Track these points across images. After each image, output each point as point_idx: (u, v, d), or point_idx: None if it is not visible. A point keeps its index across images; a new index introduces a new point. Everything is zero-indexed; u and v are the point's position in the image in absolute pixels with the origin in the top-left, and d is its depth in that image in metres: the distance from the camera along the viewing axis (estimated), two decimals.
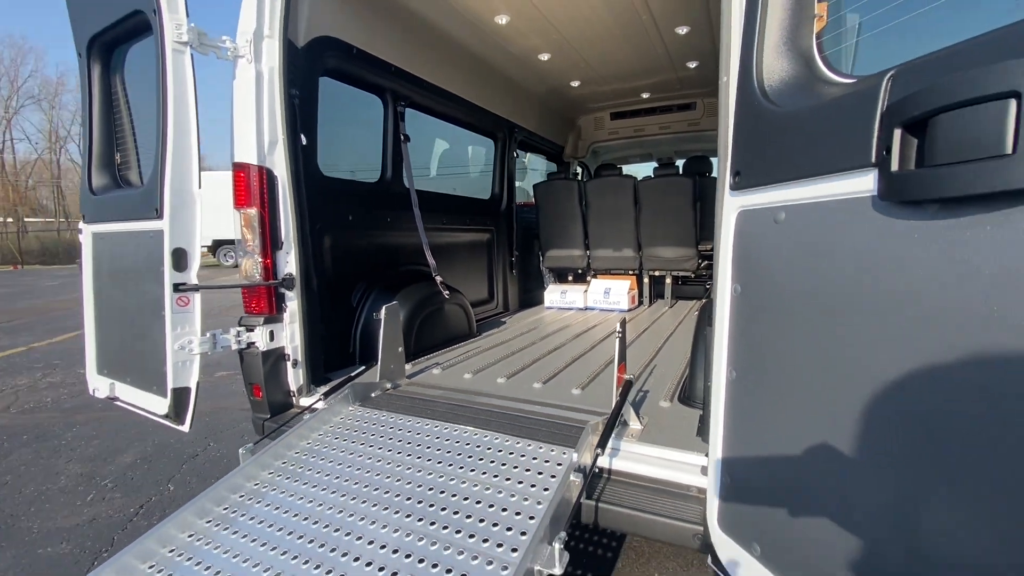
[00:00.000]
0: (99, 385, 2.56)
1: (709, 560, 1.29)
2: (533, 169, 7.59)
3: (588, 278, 5.23)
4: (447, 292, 3.43)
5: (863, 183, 0.82)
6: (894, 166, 0.76)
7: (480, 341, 3.59)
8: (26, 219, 42.60)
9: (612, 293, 4.92)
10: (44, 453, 3.63)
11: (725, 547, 1.19)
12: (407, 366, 2.71)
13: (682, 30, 3.74)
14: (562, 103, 5.62)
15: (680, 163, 5.78)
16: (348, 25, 2.84)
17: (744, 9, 1.12)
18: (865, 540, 0.88)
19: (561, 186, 5.11)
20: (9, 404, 4.70)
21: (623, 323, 1.97)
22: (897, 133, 0.75)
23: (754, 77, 1.08)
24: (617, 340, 1.93)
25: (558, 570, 1.25)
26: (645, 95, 5.49)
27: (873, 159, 0.80)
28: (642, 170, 6.90)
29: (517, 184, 5.39)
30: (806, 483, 1.01)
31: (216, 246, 20.27)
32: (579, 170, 6.84)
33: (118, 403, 2.48)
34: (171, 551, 1.46)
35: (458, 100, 4.01)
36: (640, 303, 5.17)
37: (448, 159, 5.09)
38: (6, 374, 5.68)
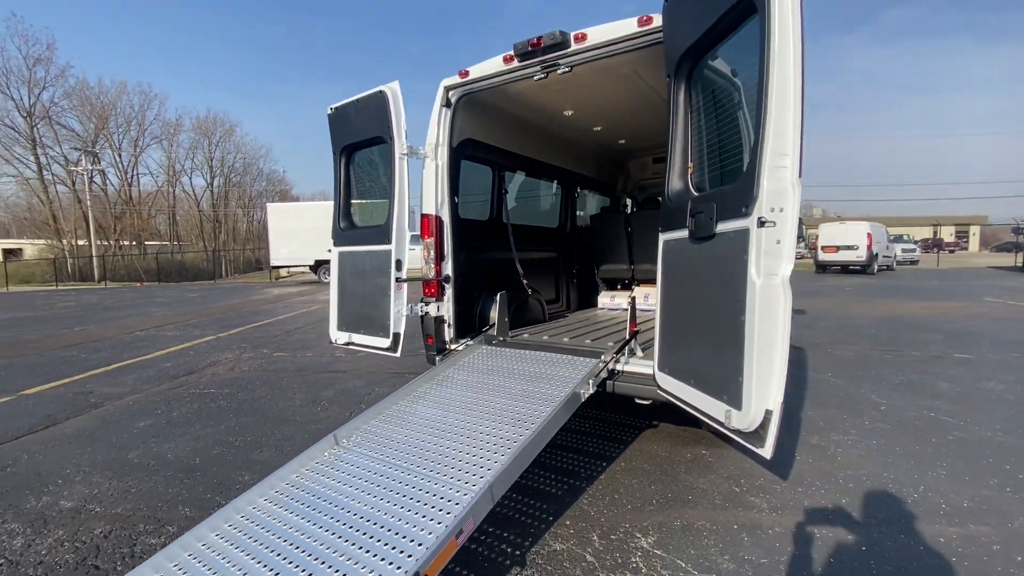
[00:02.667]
0: (339, 337, 4.56)
1: (657, 391, 2.97)
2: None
3: (632, 286, 6.87)
4: (530, 291, 5.25)
5: (685, 233, 2.53)
6: (691, 228, 2.47)
7: (551, 323, 5.35)
8: (146, 243, 49.52)
9: (651, 298, 6.52)
10: (276, 391, 5.76)
11: (659, 375, 2.88)
12: (510, 333, 4.53)
13: None
14: (613, 154, 7.36)
15: None
16: (478, 128, 4.77)
17: (666, 159, 2.86)
18: (690, 356, 2.57)
19: (612, 217, 6.83)
20: (232, 367, 6.99)
21: (632, 299, 3.68)
22: (691, 214, 2.46)
23: (667, 189, 2.82)
24: (629, 307, 3.64)
25: (592, 390, 2.99)
26: None
27: (687, 224, 2.51)
28: None
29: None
30: (685, 344, 2.70)
31: (317, 265, 23.47)
32: (628, 201, 8.52)
33: (351, 346, 4.45)
34: (383, 418, 3.34)
35: (538, 162, 5.88)
36: None
37: (529, 199, 6.96)
38: (215, 351, 8.09)
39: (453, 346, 4.34)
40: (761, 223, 1.98)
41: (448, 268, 4.34)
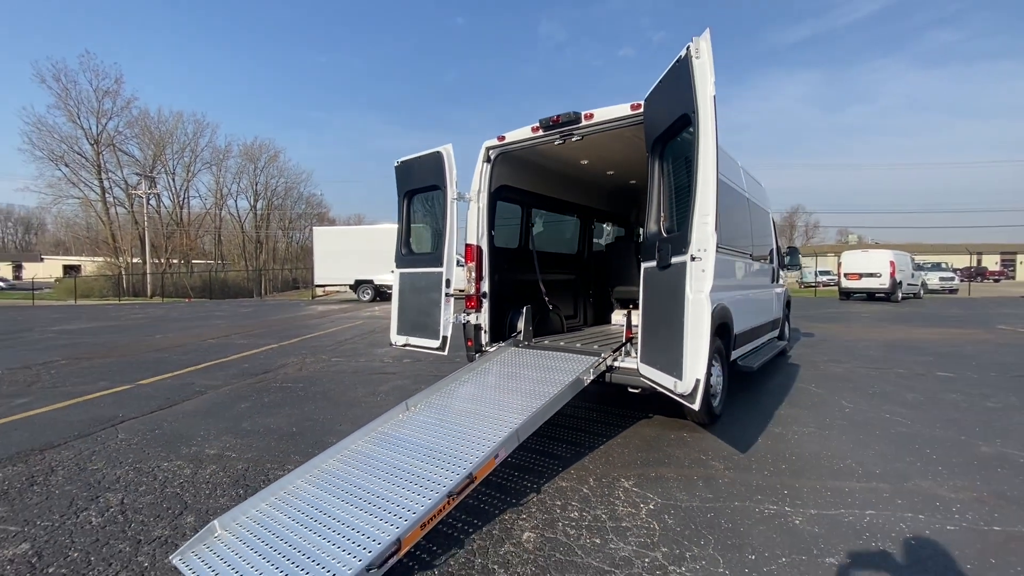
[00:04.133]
0: (398, 340, 5.76)
1: (641, 379, 4.02)
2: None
3: None
4: (552, 307, 6.38)
5: (655, 263, 3.63)
6: (657, 260, 3.58)
7: (568, 334, 6.45)
8: (193, 261, 52.73)
9: None
10: (340, 385, 6.98)
11: (641, 366, 3.95)
12: (533, 339, 5.65)
13: None
14: (625, 191, 8.50)
15: None
16: (510, 175, 5.99)
17: (647, 209, 3.99)
18: (656, 348, 3.64)
19: (624, 245, 7.93)
20: (299, 368, 8.28)
21: (629, 312, 4.76)
22: (657, 250, 3.57)
23: (644, 231, 3.93)
24: (626, 317, 4.72)
25: (592, 376, 4.08)
26: None
27: (655, 256, 3.61)
28: None
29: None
30: (654, 340, 3.77)
31: (357, 284, 25.12)
32: (641, 231, 9.59)
33: (408, 346, 5.64)
34: (428, 403, 4.49)
35: (559, 200, 7.07)
36: None
37: (552, 229, 8.14)
38: (280, 356, 9.44)
39: (487, 348, 5.48)
40: (693, 258, 3.07)
41: (485, 286, 5.51)
